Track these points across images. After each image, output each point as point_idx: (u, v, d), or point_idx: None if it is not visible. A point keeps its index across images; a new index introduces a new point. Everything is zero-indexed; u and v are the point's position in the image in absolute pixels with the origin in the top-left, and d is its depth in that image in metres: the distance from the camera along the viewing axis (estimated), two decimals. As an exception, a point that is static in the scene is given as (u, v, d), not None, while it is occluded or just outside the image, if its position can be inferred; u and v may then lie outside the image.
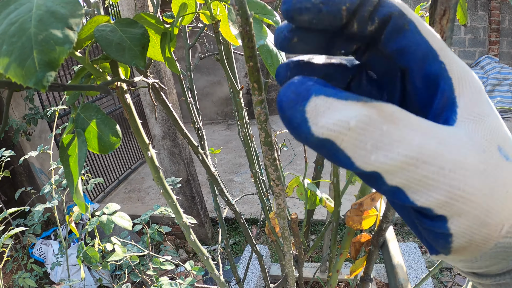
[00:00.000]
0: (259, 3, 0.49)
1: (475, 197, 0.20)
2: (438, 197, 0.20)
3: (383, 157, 0.19)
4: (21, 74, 0.25)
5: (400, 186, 0.20)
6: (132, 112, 0.48)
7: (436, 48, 0.22)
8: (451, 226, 0.21)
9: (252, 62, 0.32)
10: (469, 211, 0.20)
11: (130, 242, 1.18)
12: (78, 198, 0.41)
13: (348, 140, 0.19)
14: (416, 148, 0.19)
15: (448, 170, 0.20)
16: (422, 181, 0.20)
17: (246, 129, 0.83)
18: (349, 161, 0.19)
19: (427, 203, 0.20)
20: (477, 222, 0.21)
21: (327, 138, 0.19)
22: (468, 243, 0.21)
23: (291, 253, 0.73)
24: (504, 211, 0.21)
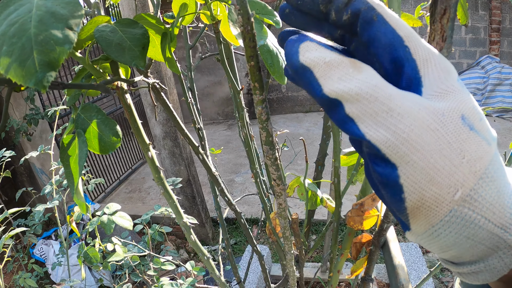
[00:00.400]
0: (260, 3, 0.49)
1: (422, 149, 0.22)
2: (385, 134, 0.22)
3: (344, 86, 0.23)
4: (21, 74, 0.25)
5: (354, 117, 0.23)
6: (133, 112, 0.48)
7: (402, 35, 0.24)
8: (400, 175, 0.23)
9: (253, 61, 0.32)
10: (416, 162, 0.22)
11: (131, 242, 1.18)
12: (78, 198, 0.41)
13: (322, 69, 0.24)
14: (371, 86, 0.23)
15: (397, 113, 0.22)
16: (373, 116, 0.23)
17: (246, 129, 0.83)
18: (318, 88, 0.24)
19: (375, 139, 0.23)
20: (425, 177, 0.22)
21: (308, 66, 0.25)
22: (420, 201, 0.23)
23: (292, 253, 0.73)
24: (457, 175, 0.22)
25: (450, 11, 0.35)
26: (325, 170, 0.99)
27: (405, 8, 5.21)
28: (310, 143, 4.76)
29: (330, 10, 0.26)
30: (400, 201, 0.24)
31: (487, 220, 0.23)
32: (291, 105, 6.39)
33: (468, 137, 0.23)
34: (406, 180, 0.23)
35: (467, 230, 0.23)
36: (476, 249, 0.24)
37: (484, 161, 0.23)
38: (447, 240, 0.24)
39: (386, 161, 0.23)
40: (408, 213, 0.24)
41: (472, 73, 5.34)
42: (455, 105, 0.23)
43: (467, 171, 0.22)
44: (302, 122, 5.91)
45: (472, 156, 0.23)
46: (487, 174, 0.23)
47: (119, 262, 1.09)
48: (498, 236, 0.23)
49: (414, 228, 0.25)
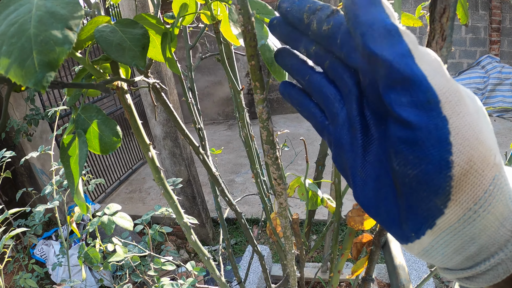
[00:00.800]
0: (260, 2, 0.49)
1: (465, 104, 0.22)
2: (442, 80, 0.22)
3: (410, 36, 0.23)
4: (21, 74, 0.25)
5: (414, 56, 0.22)
6: (133, 112, 0.48)
7: None
8: (451, 130, 0.21)
9: (254, 61, 0.32)
10: (465, 114, 0.21)
11: (131, 242, 1.18)
12: (79, 199, 0.41)
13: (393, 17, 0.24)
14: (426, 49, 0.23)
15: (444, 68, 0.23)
16: (430, 63, 0.22)
17: (247, 129, 0.83)
18: (387, 20, 0.23)
19: (434, 81, 0.22)
20: (473, 134, 0.21)
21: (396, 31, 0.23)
22: (468, 164, 0.21)
23: (292, 253, 0.73)
24: (491, 138, 0.22)
25: (449, 10, 0.35)
26: (326, 170, 0.99)
27: (405, 8, 5.21)
28: (311, 143, 4.76)
29: (312, 20, 0.28)
30: (447, 167, 0.21)
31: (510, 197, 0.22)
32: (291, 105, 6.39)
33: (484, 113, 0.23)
34: (456, 136, 0.21)
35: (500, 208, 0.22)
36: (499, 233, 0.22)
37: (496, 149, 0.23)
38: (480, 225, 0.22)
39: (437, 113, 0.21)
40: (452, 186, 0.21)
41: (472, 72, 5.34)
42: None
43: (493, 138, 0.22)
44: (303, 122, 5.91)
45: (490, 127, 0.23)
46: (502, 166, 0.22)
47: (120, 263, 1.09)
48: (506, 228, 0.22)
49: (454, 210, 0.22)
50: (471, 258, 0.24)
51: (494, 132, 0.24)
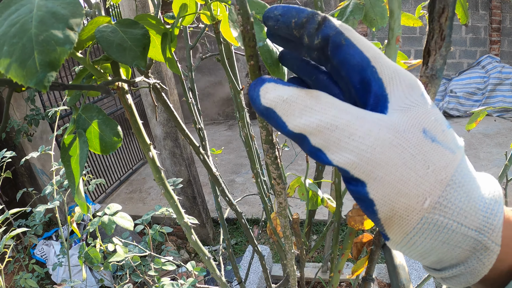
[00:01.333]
0: (260, 3, 0.49)
1: (386, 164, 0.24)
2: (350, 157, 0.24)
3: (305, 121, 0.25)
4: (22, 74, 0.25)
5: (320, 147, 0.25)
6: (134, 112, 0.48)
7: (369, 56, 0.26)
8: (369, 191, 0.24)
9: (253, 61, 0.32)
10: (382, 177, 0.24)
11: (132, 242, 1.18)
12: (79, 199, 0.41)
13: (282, 108, 0.26)
14: (331, 117, 0.25)
15: (358, 136, 0.24)
16: (336, 143, 0.24)
17: (247, 129, 0.83)
18: (284, 125, 0.26)
19: (342, 163, 0.24)
20: (393, 190, 0.24)
21: (269, 107, 0.26)
22: (391, 212, 0.24)
23: (292, 252, 0.73)
24: (423, 185, 0.24)
25: (448, 10, 0.35)
26: (326, 170, 0.99)
27: (405, 8, 5.21)
28: (311, 143, 4.75)
29: (303, 34, 0.27)
30: (374, 213, 0.25)
31: (459, 224, 0.24)
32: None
33: (431, 148, 0.24)
34: (375, 194, 0.24)
35: (441, 235, 0.24)
36: (454, 252, 0.25)
37: (449, 169, 0.24)
38: (424, 247, 0.25)
39: (356, 180, 0.25)
40: (382, 223, 0.25)
41: (472, 72, 5.34)
42: (416, 119, 0.25)
43: (433, 180, 0.24)
44: (303, 122, 5.90)
45: (436, 166, 0.24)
46: (454, 181, 0.24)
47: (120, 263, 1.09)
48: (473, 239, 0.24)
49: (392, 237, 0.26)
50: (436, 264, 0.27)
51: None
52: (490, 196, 0.25)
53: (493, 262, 0.25)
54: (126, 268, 1.28)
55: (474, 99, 5.23)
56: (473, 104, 5.20)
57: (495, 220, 0.24)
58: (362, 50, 0.26)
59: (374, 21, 0.60)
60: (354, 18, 0.59)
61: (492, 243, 0.24)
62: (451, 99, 5.26)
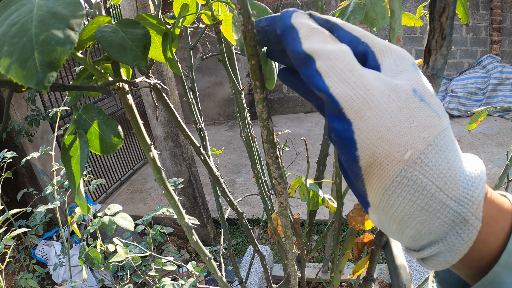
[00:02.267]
0: (260, 5, 0.49)
1: (375, 107, 0.25)
2: (346, 90, 0.25)
3: (320, 46, 0.27)
4: (22, 74, 0.25)
5: (321, 72, 0.26)
6: (134, 113, 0.48)
7: (357, 35, 0.28)
8: (354, 130, 0.25)
9: (254, 60, 0.32)
10: (369, 118, 0.25)
11: (132, 243, 1.18)
12: (80, 199, 0.41)
13: (306, 31, 0.28)
14: (343, 51, 0.26)
15: (358, 74, 0.25)
16: (338, 73, 0.26)
17: (248, 129, 0.83)
18: (299, 43, 0.27)
19: (337, 93, 0.25)
20: (376, 134, 0.24)
21: (296, 27, 0.28)
22: (372, 158, 0.25)
23: (293, 252, 0.73)
24: (406, 136, 0.24)
25: (449, 9, 0.35)
26: (327, 170, 0.99)
27: (406, 7, 5.21)
28: (312, 143, 4.76)
29: None
30: (355, 160, 0.25)
31: (438, 189, 0.24)
32: (292, 105, 6.39)
33: (418, 106, 0.25)
34: (359, 135, 0.25)
35: (420, 197, 0.24)
36: (432, 223, 0.24)
37: (433, 130, 0.24)
38: (402, 211, 0.25)
39: (342, 118, 0.25)
40: (362, 174, 0.25)
41: (473, 72, 5.33)
42: (407, 80, 0.26)
43: (415, 134, 0.24)
44: (303, 123, 5.90)
45: (420, 122, 0.24)
46: (436, 143, 0.24)
47: (121, 263, 1.09)
48: (452, 210, 0.24)
49: (371, 197, 0.26)
50: (415, 240, 0.26)
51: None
52: (472, 170, 0.25)
53: (473, 239, 0.24)
54: (126, 269, 1.28)
55: (475, 99, 5.22)
56: (474, 104, 5.19)
57: (475, 193, 0.24)
58: (350, 31, 0.29)
59: (375, 21, 0.60)
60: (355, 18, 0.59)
61: (472, 215, 0.24)
62: (452, 99, 5.26)
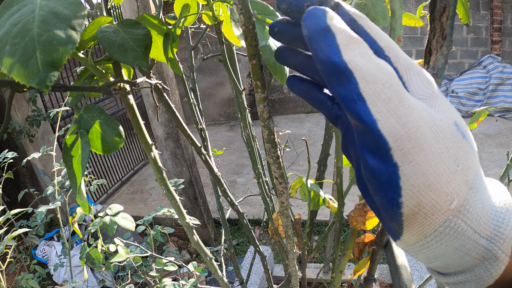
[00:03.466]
0: (261, 3, 0.49)
1: (425, 150, 0.22)
2: (395, 124, 0.21)
3: (364, 62, 0.22)
4: (24, 74, 0.25)
5: (365, 97, 0.22)
6: (135, 113, 0.48)
7: (382, 46, 0.25)
8: (401, 175, 0.22)
9: (255, 60, 0.32)
10: (418, 163, 0.21)
11: (133, 243, 1.18)
12: (81, 199, 0.41)
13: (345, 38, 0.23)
14: (389, 72, 0.23)
15: (408, 105, 0.22)
16: (386, 102, 0.22)
17: (249, 129, 0.83)
18: (338, 54, 0.23)
19: (386, 128, 0.21)
20: (425, 182, 0.22)
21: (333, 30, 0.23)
22: (417, 207, 0.22)
23: (294, 252, 0.73)
24: (453, 183, 0.22)
25: (449, 9, 0.35)
26: (327, 171, 0.99)
27: (407, 8, 5.21)
28: (312, 144, 4.76)
29: None
30: (397, 206, 0.23)
31: (473, 231, 0.23)
32: (293, 106, 6.39)
33: (462, 144, 0.23)
34: (405, 182, 0.22)
35: (457, 241, 0.23)
36: (463, 259, 0.24)
37: (473, 171, 0.23)
38: (436, 251, 0.24)
39: (388, 159, 0.22)
40: (403, 220, 0.23)
41: (474, 73, 5.33)
42: (447, 112, 0.23)
43: (460, 180, 0.22)
44: (304, 123, 5.90)
45: (464, 165, 0.22)
46: (474, 185, 0.23)
47: (121, 263, 1.09)
48: (484, 247, 0.23)
49: (406, 237, 0.24)
50: (441, 269, 0.26)
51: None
52: (501, 205, 0.24)
53: (500, 273, 0.24)
54: (127, 269, 1.28)
55: (475, 99, 5.22)
56: (474, 104, 5.18)
57: (506, 230, 0.23)
58: (376, 39, 0.25)
59: (376, 21, 0.59)
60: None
61: (502, 253, 0.23)
62: (453, 99, 5.25)
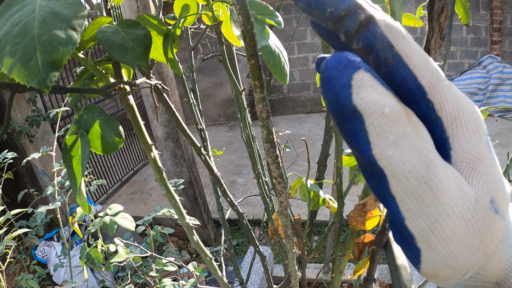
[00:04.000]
0: (261, 3, 0.49)
1: (449, 241, 0.21)
2: (423, 224, 0.20)
3: (398, 156, 0.19)
4: (24, 74, 0.25)
5: (396, 196, 0.20)
6: (135, 113, 0.48)
7: (424, 85, 0.21)
8: (422, 258, 0.22)
9: (253, 60, 0.32)
10: (440, 251, 0.21)
11: (133, 243, 1.18)
12: (81, 199, 0.41)
13: (376, 123, 0.19)
14: (426, 163, 0.19)
15: (440, 204, 0.20)
16: (418, 201, 0.20)
17: (248, 130, 0.83)
18: (367, 146, 0.19)
19: (412, 226, 0.20)
20: (444, 262, 0.21)
21: (360, 112, 0.19)
22: (433, 273, 0.22)
23: (294, 252, 0.73)
24: (472, 261, 0.21)
25: (447, 9, 0.35)
26: (327, 171, 0.99)
27: (406, 8, 5.21)
28: (312, 144, 4.75)
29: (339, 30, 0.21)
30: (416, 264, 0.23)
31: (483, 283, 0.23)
32: (292, 106, 6.39)
33: (492, 222, 0.21)
34: (426, 261, 0.22)
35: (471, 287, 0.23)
36: None
37: (497, 241, 0.22)
38: None
39: (412, 244, 0.22)
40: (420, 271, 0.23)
41: (473, 73, 5.33)
42: (487, 185, 0.21)
43: (481, 255, 0.22)
44: (304, 123, 5.90)
45: (489, 240, 0.22)
46: (495, 252, 0.22)
47: (121, 263, 1.09)
48: None
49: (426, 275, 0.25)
50: None
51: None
52: None
53: None
54: (127, 269, 1.28)
55: (475, 99, 5.22)
56: (474, 104, 5.19)
57: None
58: (416, 73, 0.20)
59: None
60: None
61: None
62: (452, 100, 5.25)
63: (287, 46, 0.98)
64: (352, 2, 0.21)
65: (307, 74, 6.09)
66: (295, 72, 6.09)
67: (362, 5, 0.20)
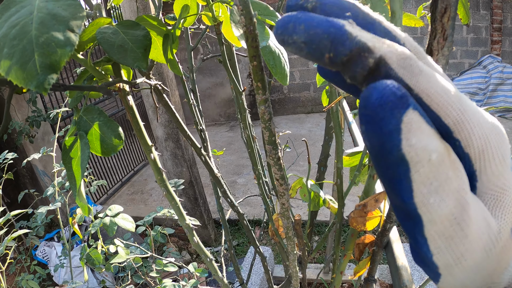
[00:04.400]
0: (262, 4, 0.49)
1: (470, 271, 0.20)
2: (449, 260, 0.20)
3: (438, 204, 0.18)
4: (22, 77, 0.25)
5: (428, 238, 0.20)
6: (135, 114, 0.48)
7: (450, 123, 0.19)
8: (441, 279, 0.21)
9: (256, 61, 0.32)
10: (460, 278, 0.21)
11: (133, 244, 1.18)
12: (81, 200, 0.41)
13: (422, 171, 0.18)
14: (461, 207, 0.19)
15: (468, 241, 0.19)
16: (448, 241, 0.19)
17: (249, 130, 0.83)
18: (409, 194, 0.18)
19: (440, 264, 0.20)
20: (462, 284, 0.21)
21: (408, 161, 0.18)
22: None
23: (295, 253, 0.73)
24: (487, 279, 0.21)
25: (450, 9, 0.35)
26: (328, 171, 0.99)
27: (407, 8, 5.21)
28: (312, 144, 4.75)
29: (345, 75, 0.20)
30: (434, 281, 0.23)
31: None
32: (293, 106, 6.39)
33: (509, 248, 0.21)
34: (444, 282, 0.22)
35: None
36: None
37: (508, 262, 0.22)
38: None
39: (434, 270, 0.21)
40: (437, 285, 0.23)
41: (474, 72, 5.33)
42: (510, 216, 0.21)
43: (495, 275, 0.22)
44: (304, 123, 5.90)
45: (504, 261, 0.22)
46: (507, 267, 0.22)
47: (122, 264, 1.09)
48: None
49: None
50: None
51: None
52: None
53: None
54: (127, 270, 1.28)
55: (475, 99, 5.22)
56: (474, 104, 5.19)
57: None
58: (441, 114, 0.19)
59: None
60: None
61: None
62: (453, 99, 5.26)
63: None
64: (354, 44, 0.18)
65: (307, 74, 6.09)
66: (295, 72, 6.09)
67: (367, 45, 0.18)
